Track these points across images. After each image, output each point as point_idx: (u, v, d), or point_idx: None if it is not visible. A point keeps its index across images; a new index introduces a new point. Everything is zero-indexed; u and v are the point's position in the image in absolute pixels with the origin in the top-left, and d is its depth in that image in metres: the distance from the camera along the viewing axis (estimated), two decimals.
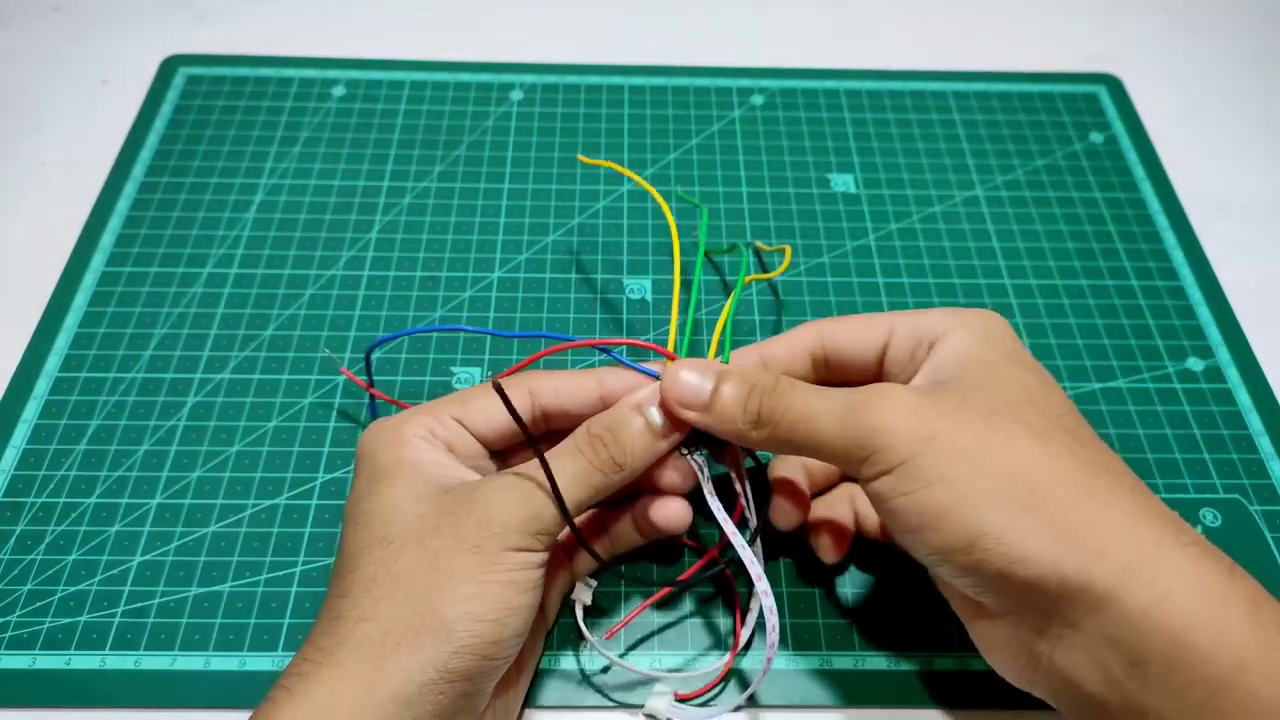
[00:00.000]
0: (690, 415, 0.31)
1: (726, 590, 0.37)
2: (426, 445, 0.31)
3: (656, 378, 0.32)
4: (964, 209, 0.50)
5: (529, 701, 0.34)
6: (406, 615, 0.27)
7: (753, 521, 0.34)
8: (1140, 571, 0.26)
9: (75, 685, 0.34)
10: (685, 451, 0.32)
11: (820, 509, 0.36)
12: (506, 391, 0.29)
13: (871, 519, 0.36)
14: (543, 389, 0.33)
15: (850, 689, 0.35)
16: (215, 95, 0.54)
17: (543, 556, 0.29)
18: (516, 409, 0.30)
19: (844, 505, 0.36)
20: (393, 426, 0.32)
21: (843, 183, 0.51)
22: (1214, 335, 0.45)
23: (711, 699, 0.35)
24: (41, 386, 0.42)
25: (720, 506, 0.32)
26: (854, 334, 0.34)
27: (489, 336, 0.44)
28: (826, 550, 0.35)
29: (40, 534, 0.38)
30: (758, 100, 0.55)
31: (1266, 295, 0.47)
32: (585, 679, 0.35)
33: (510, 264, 0.47)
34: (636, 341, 0.33)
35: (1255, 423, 0.42)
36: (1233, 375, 0.44)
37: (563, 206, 0.49)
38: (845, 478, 0.37)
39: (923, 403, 0.29)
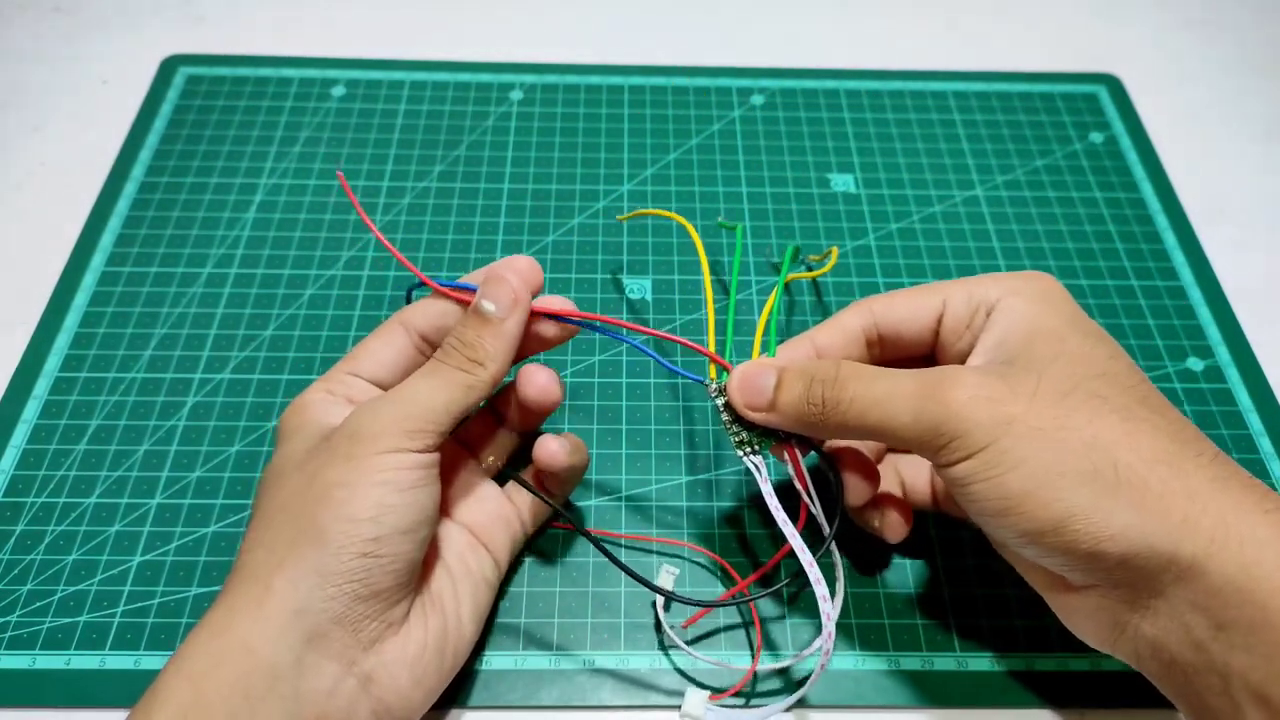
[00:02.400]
0: (758, 416, 0.31)
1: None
2: (326, 404, 0.33)
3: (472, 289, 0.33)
4: (964, 209, 0.50)
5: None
6: (288, 532, 0.29)
7: (825, 528, 0.33)
8: (1226, 541, 0.26)
9: (75, 685, 0.34)
10: (743, 453, 0.32)
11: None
12: (385, 330, 0.34)
13: (918, 488, 0.36)
14: (414, 318, 0.34)
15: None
16: (215, 95, 0.54)
17: (421, 459, 0.30)
18: (390, 340, 0.34)
19: (893, 477, 0.36)
20: (296, 400, 0.34)
21: (843, 183, 0.51)
22: (1214, 335, 0.45)
23: (753, 699, 0.34)
24: (41, 386, 0.42)
25: (780, 507, 0.31)
26: (907, 310, 0.33)
27: None
28: (895, 527, 0.35)
29: (40, 534, 0.38)
30: (758, 100, 0.55)
31: (1266, 295, 0.47)
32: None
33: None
34: (691, 344, 0.33)
35: (1255, 423, 0.42)
36: (1233, 375, 0.44)
37: (563, 206, 0.49)
38: (890, 450, 0.37)
39: (998, 385, 0.29)
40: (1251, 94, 0.57)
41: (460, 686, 0.34)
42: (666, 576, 0.35)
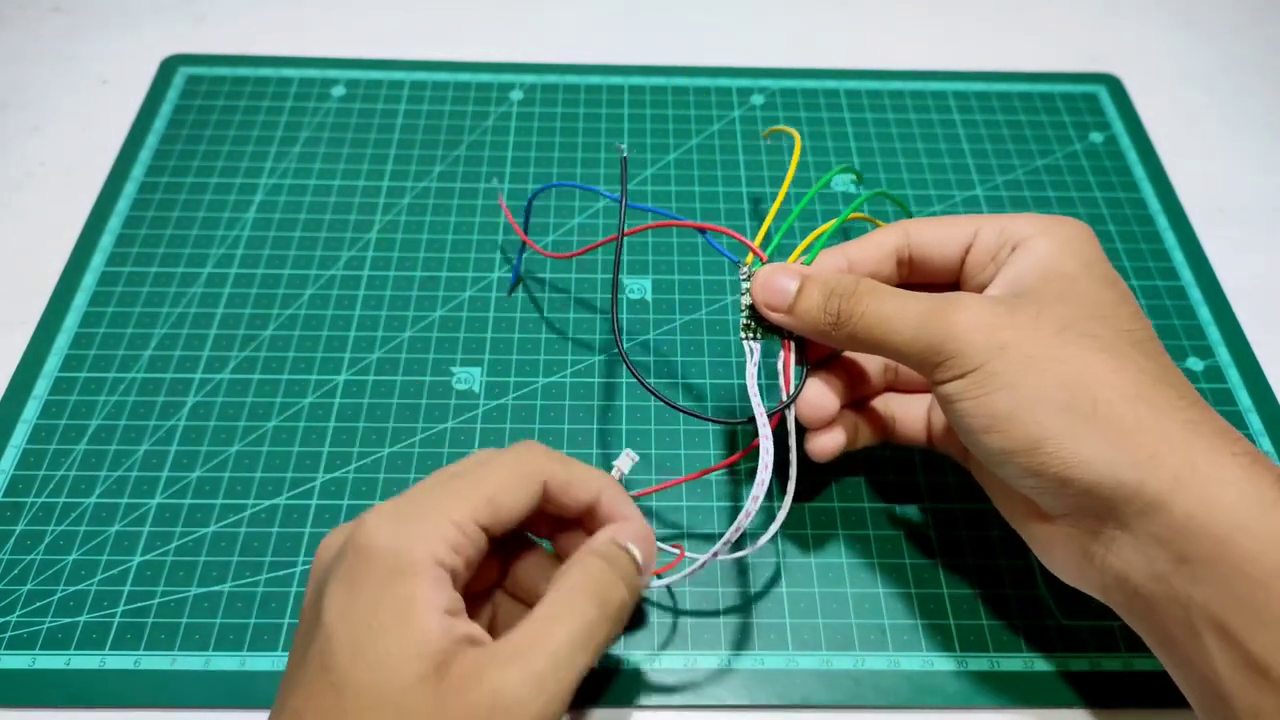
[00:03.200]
0: (775, 316, 0.33)
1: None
2: (444, 581, 0.26)
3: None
4: (964, 209, 0.50)
5: None
6: None
7: (785, 396, 0.34)
8: (1190, 479, 0.27)
9: (75, 685, 0.34)
10: (745, 336, 0.35)
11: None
12: (525, 486, 0.28)
13: (912, 424, 0.37)
14: (554, 479, 0.29)
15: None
16: (215, 95, 0.54)
17: None
18: (530, 494, 0.28)
19: (880, 406, 0.37)
20: (416, 537, 0.26)
21: (843, 182, 0.51)
22: (1214, 335, 0.45)
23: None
24: (41, 386, 0.42)
25: (756, 390, 0.34)
26: (939, 234, 0.35)
27: (487, 338, 0.44)
28: (824, 440, 0.34)
29: (40, 534, 0.38)
30: (758, 100, 0.55)
31: (1266, 295, 0.47)
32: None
33: (511, 264, 0.47)
34: (736, 235, 0.35)
35: (1255, 423, 0.42)
36: (1233, 375, 0.44)
37: (562, 206, 0.49)
38: (888, 389, 0.38)
39: (998, 312, 0.30)
40: (1251, 94, 0.57)
41: None
42: (626, 460, 0.34)
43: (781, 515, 0.34)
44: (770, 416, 0.33)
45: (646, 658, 0.35)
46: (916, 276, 0.35)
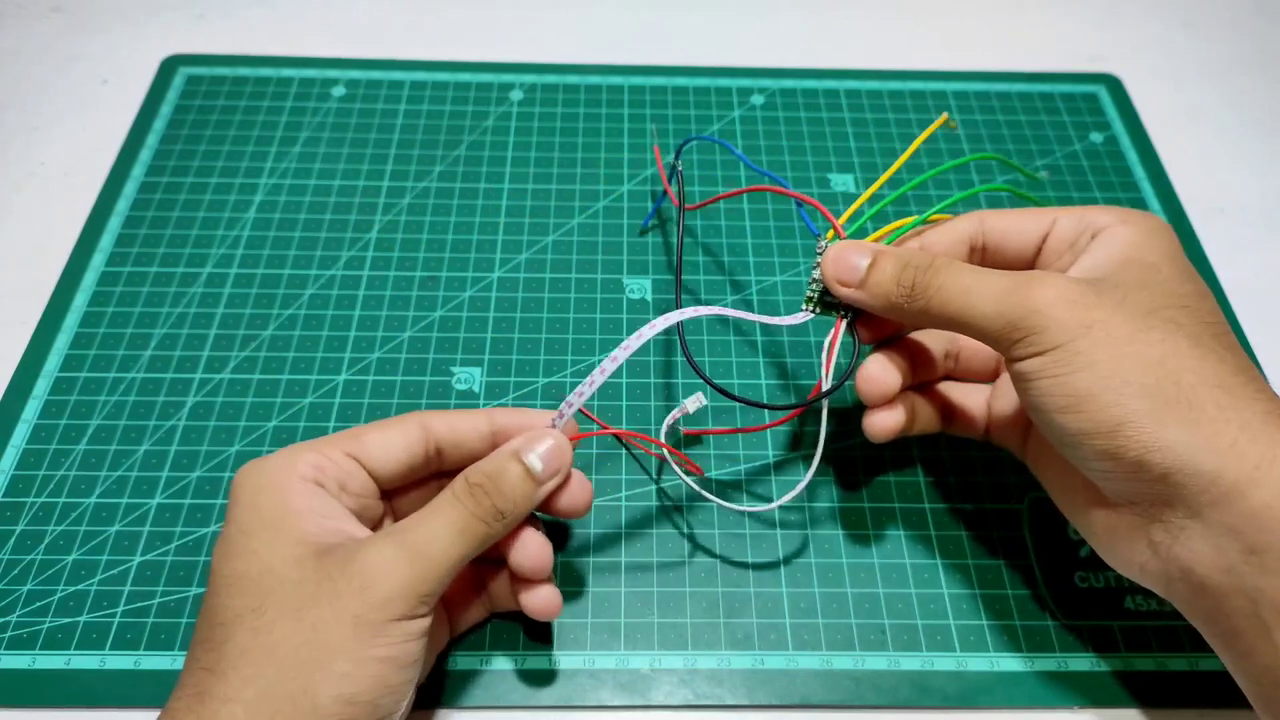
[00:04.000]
0: (845, 292, 0.33)
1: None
2: (313, 490, 0.30)
3: (552, 421, 0.33)
4: (964, 209, 0.50)
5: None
6: (276, 697, 0.26)
7: (825, 383, 0.35)
8: (1271, 468, 0.27)
9: (75, 685, 0.34)
10: (806, 308, 0.35)
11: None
12: (402, 424, 0.32)
13: (971, 415, 0.37)
14: (437, 424, 0.33)
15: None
16: (215, 95, 0.54)
17: (425, 624, 0.29)
18: (405, 437, 0.31)
19: (928, 410, 0.37)
20: (277, 466, 0.30)
21: (842, 183, 0.51)
22: None
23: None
24: (41, 386, 0.42)
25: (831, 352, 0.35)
26: (1016, 222, 0.34)
27: (487, 338, 0.44)
28: (880, 420, 0.34)
29: (40, 534, 0.38)
30: (758, 100, 0.55)
31: (1266, 295, 0.47)
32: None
33: (510, 264, 0.47)
34: (824, 209, 0.35)
35: None
36: None
37: (563, 206, 0.49)
38: (946, 378, 0.38)
39: (1084, 291, 0.30)
40: (1251, 94, 0.57)
41: (460, 687, 0.34)
42: (694, 402, 0.37)
43: (805, 481, 0.35)
44: (824, 392, 0.34)
45: (647, 658, 0.35)
46: (990, 264, 0.35)
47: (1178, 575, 0.29)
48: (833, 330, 0.35)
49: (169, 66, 0.55)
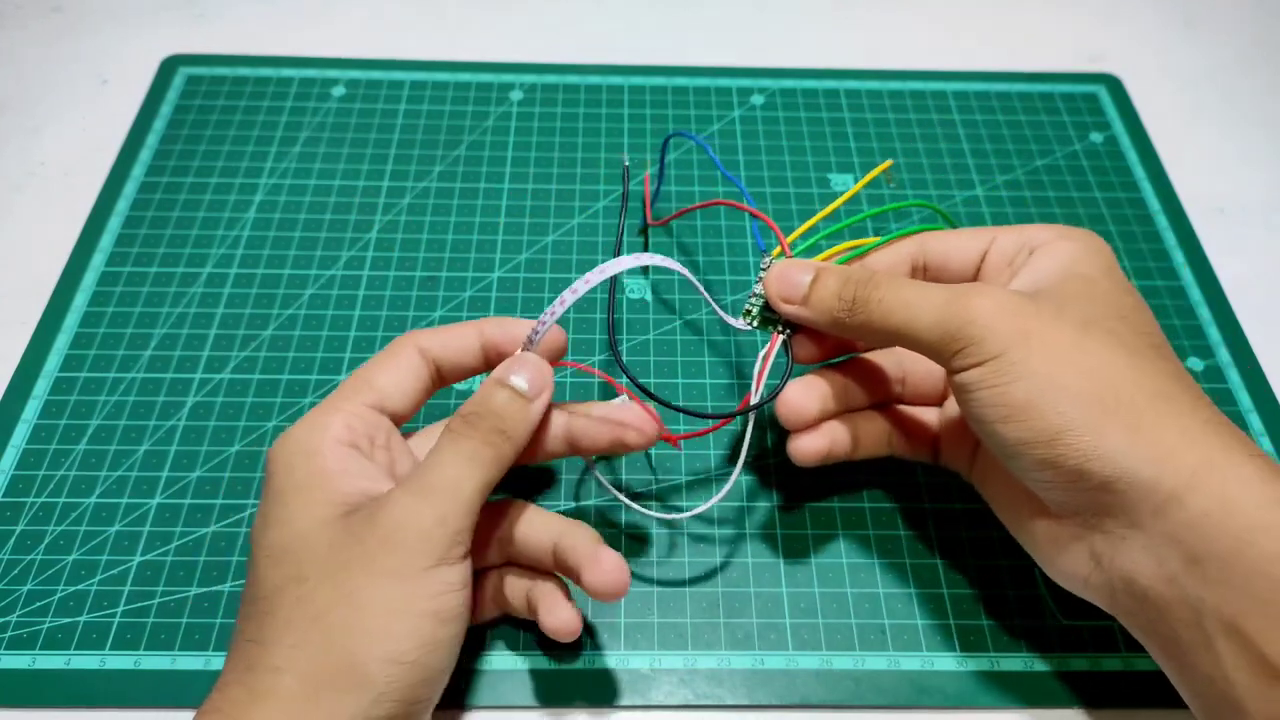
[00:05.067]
0: (789, 309, 0.33)
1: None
2: (347, 453, 0.30)
3: (527, 338, 0.33)
4: (964, 209, 0.50)
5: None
6: (324, 665, 0.26)
7: (753, 398, 0.35)
8: (1208, 477, 0.27)
9: (75, 685, 0.34)
10: (744, 319, 0.35)
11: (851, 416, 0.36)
12: (402, 355, 0.32)
13: (918, 438, 0.37)
14: (431, 344, 0.33)
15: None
16: (215, 95, 0.54)
17: (462, 571, 0.29)
18: (411, 368, 0.32)
19: (886, 418, 0.37)
20: (306, 434, 0.31)
21: (843, 183, 0.51)
22: (1214, 335, 0.45)
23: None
24: (41, 386, 0.42)
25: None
26: (957, 241, 0.35)
27: None
28: (804, 444, 0.34)
29: (40, 534, 0.38)
30: (758, 100, 0.55)
31: (1266, 295, 0.47)
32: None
33: (510, 264, 0.47)
34: (767, 220, 0.36)
35: (1255, 423, 0.42)
36: (1233, 376, 0.44)
37: (563, 206, 0.49)
38: (884, 402, 0.38)
39: (1022, 301, 0.30)
40: (1251, 94, 0.57)
41: (460, 686, 0.34)
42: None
43: (725, 489, 0.34)
44: (749, 407, 0.34)
45: (647, 658, 0.35)
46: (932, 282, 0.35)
47: (1120, 587, 0.29)
48: (767, 346, 0.35)
49: (169, 66, 0.55)
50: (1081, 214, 0.50)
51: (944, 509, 0.39)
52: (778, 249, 0.35)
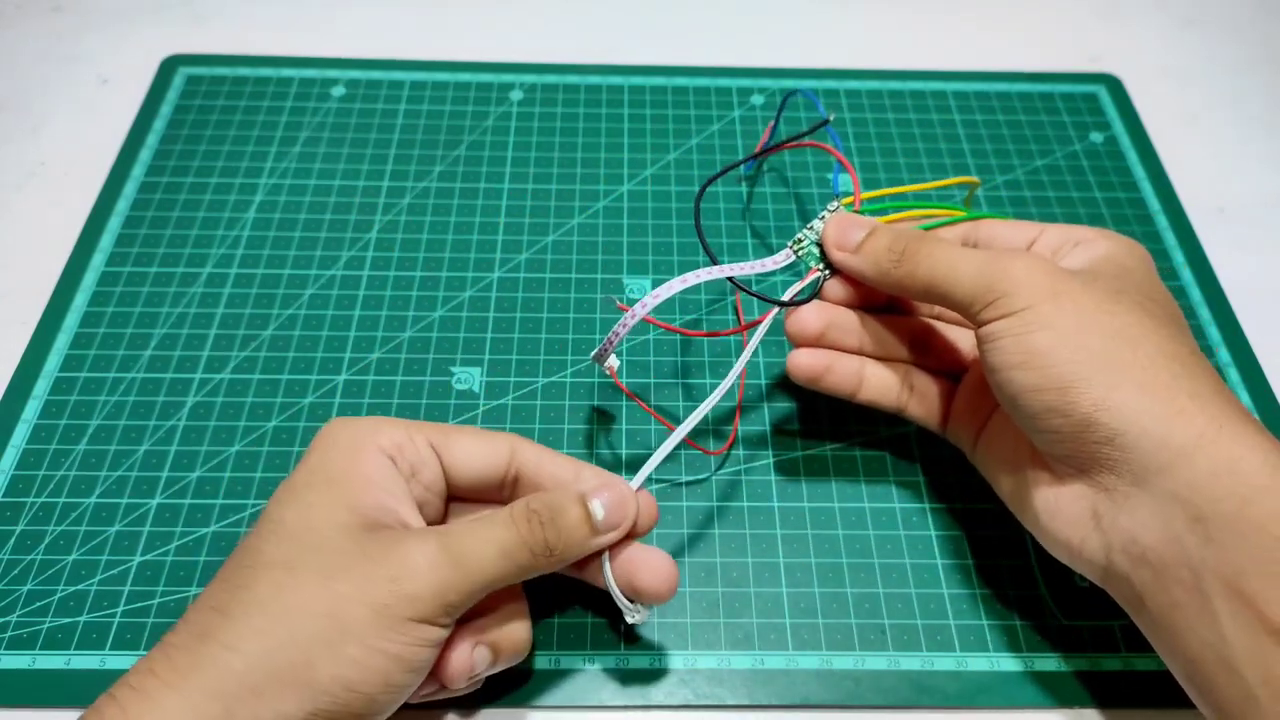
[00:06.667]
0: (840, 256, 0.36)
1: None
2: (386, 464, 0.30)
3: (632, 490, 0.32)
4: (964, 209, 0.50)
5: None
6: (278, 660, 0.26)
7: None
8: (1217, 437, 0.28)
9: (75, 685, 0.34)
10: (792, 247, 0.37)
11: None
12: (493, 440, 0.32)
13: (927, 401, 0.38)
14: (527, 453, 0.33)
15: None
16: (215, 95, 0.54)
17: (442, 634, 0.28)
18: (494, 452, 0.32)
19: (893, 383, 0.37)
20: (361, 429, 0.31)
21: (844, 182, 0.51)
22: (1214, 335, 0.45)
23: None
24: (41, 386, 0.42)
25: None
26: (1006, 230, 0.37)
27: (487, 338, 0.44)
28: (801, 360, 0.36)
29: (40, 534, 0.38)
30: (758, 100, 0.55)
31: (1266, 295, 0.47)
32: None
33: (510, 264, 0.47)
34: (853, 173, 0.39)
35: None
36: (1233, 375, 0.44)
37: (563, 206, 0.49)
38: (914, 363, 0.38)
39: (1058, 268, 0.32)
40: (1251, 94, 0.57)
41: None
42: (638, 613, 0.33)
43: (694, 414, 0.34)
44: (760, 316, 0.36)
45: (647, 657, 0.35)
46: None
47: (1119, 546, 0.29)
48: (810, 274, 0.37)
49: (169, 66, 0.55)
50: (1081, 214, 0.50)
51: (944, 508, 0.39)
52: (849, 198, 0.37)
